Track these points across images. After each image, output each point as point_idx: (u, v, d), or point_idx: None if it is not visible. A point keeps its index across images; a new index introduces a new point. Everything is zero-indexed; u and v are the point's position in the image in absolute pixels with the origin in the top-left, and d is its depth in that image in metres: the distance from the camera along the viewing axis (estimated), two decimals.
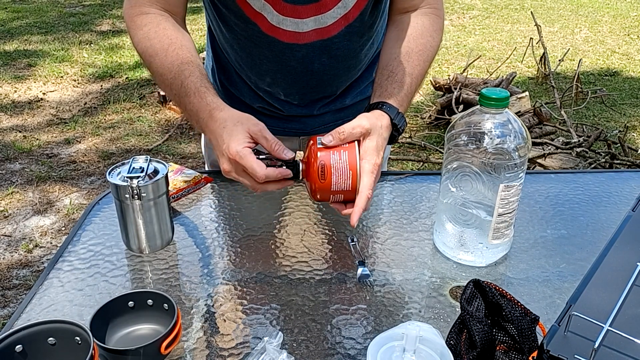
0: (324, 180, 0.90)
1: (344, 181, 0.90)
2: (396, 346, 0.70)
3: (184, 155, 3.44)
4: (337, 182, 0.90)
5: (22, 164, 3.33)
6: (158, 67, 1.02)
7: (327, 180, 0.90)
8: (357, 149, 0.91)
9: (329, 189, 0.91)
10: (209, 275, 0.99)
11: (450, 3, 7.02)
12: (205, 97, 0.97)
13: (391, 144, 1.06)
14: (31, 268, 2.49)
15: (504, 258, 1.03)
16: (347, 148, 0.91)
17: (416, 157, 3.36)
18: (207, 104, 0.96)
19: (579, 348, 0.67)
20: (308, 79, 1.18)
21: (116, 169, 1.00)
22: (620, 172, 1.42)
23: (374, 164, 0.92)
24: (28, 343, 0.75)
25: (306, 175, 0.93)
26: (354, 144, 0.92)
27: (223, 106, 0.97)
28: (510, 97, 0.93)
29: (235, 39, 1.15)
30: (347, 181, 0.90)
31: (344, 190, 0.91)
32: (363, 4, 1.08)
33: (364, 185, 0.91)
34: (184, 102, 1.00)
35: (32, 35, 5.49)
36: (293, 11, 1.06)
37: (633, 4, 7.14)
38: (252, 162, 0.89)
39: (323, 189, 0.91)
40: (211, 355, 0.82)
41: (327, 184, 0.90)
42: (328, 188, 0.91)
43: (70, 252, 1.04)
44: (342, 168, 0.90)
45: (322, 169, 0.90)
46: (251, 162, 0.89)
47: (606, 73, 4.88)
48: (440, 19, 1.15)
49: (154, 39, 1.03)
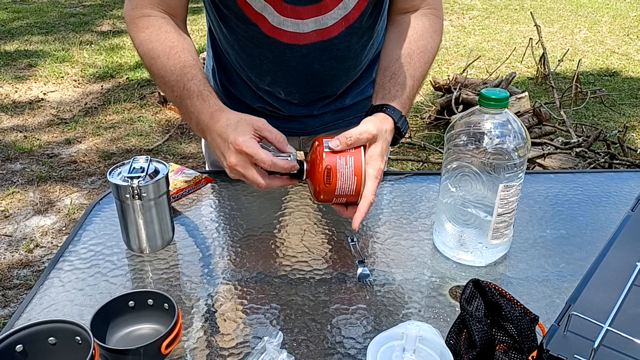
0: (329, 184, 0.91)
1: (348, 186, 0.91)
2: (396, 346, 0.71)
3: (184, 155, 3.44)
4: (342, 187, 0.91)
5: (22, 164, 3.33)
6: (160, 69, 1.03)
7: (332, 184, 0.91)
8: (363, 154, 0.92)
9: (332, 192, 0.92)
10: (209, 275, 0.99)
11: (450, 3, 7.02)
12: (207, 99, 0.98)
13: (392, 146, 1.06)
14: (32, 268, 2.49)
15: (504, 258, 1.03)
16: (354, 153, 0.92)
17: (416, 157, 3.36)
18: (210, 106, 0.97)
19: (579, 348, 0.67)
20: (308, 79, 1.18)
21: (117, 169, 1.00)
22: (620, 172, 1.42)
23: (379, 169, 0.93)
24: (28, 343, 0.75)
25: (310, 176, 0.93)
26: (360, 149, 0.92)
27: (225, 108, 0.98)
28: (509, 98, 0.93)
29: (235, 39, 1.15)
30: (352, 186, 0.91)
31: (347, 195, 0.92)
32: (363, 4, 1.09)
33: (368, 189, 0.92)
34: (185, 105, 1.00)
35: (32, 36, 5.49)
36: (294, 12, 1.06)
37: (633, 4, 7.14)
38: (259, 150, 0.89)
39: (327, 192, 0.92)
40: (211, 355, 0.83)
41: (332, 188, 0.91)
42: (332, 191, 0.92)
43: (70, 252, 1.04)
44: (348, 173, 0.91)
45: (327, 173, 0.90)
46: (257, 150, 0.89)
47: (605, 73, 4.88)
48: (439, 20, 1.15)
49: (155, 42, 1.04)
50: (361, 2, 1.08)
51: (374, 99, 1.06)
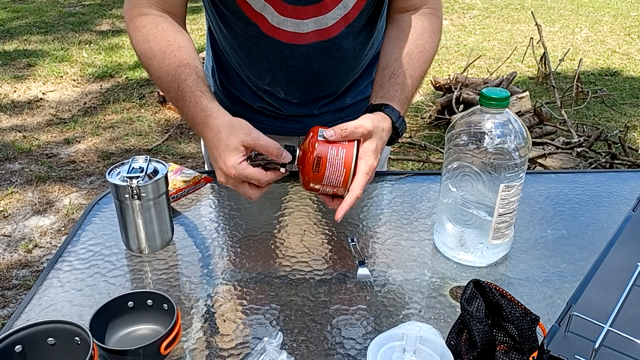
0: (317, 173, 0.92)
1: (336, 177, 0.92)
2: (396, 346, 0.70)
3: (183, 155, 3.44)
4: (330, 177, 0.92)
5: (21, 164, 3.33)
6: (156, 69, 1.02)
7: (320, 173, 0.92)
8: (356, 149, 0.93)
9: (320, 181, 0.93)
10: (208, 275, 0.98)
11: (450, 3, 7.02)
12: (200, 102, 0.97)
13: (390, 146, 1.06)
14: (31, 268, 2.49)
15: (504, 258, 1.02)
16: (346, 146, 0.93)
17: (416, 157, 3.36)
18: (202, 109, 0.96)
19: (580, 348, 0.66)
20: (308, 79, 1.18)
21: (116, 169, 1.00)
22: (621, 172, 1.42)
23: (371, 165, 0.93)
24: (28, 343, 0.74)
25: (301, 162, 0.94)
26: (353, 143, 0.93)
27: (217, 112, 0.95)
28: (510, 97, 0.93)
29: (235, 39, 1.15)
30: (340, 177, 0.92)
31: (334, 185, 0.93)
32: (362, 3, 1.08)
33: (357, 184, 0.92)
34: (180, 106, 1.00)
35: (31, 35, 5.49)
36: (293, 12, 1.05)
37: (633, 4, 7.14)
38: (252, 172, 0.90)
39: (315, 179, 0.93)
40: (211, 356, 0.82)
41: (320, 176, 0.92)
42: (319, 180, 0.93)
43: (69, 252, 1.04)
44: (337, 164, 0.92)
45: (317, 161, 0.92)
46: (251, 173, 0.90)
47: (606, 73, 4.88)
48: (439, 20, 1.15)
49: (152, 41, 1.03)
50: (360, 1, 1.08)
51: (372, 98, 1.06)
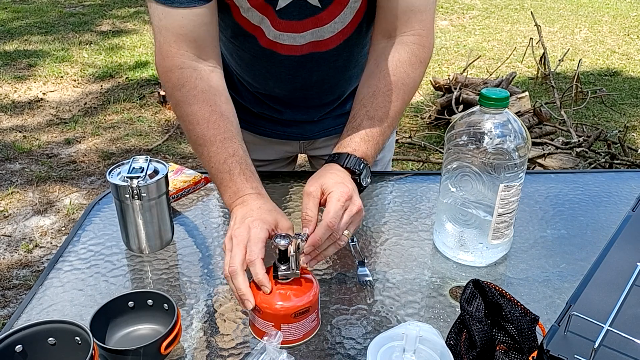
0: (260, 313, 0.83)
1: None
2: (396, 346, 0.71)
3: (184, 155, 3.44)
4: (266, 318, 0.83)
5: (22, 164, 3.33)
6: (199, 138, 0.99)
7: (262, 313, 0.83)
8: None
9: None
10: (209, 275, 0.99)
11: (450, 3, 7.02)
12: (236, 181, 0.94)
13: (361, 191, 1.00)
14: (31, 268, 2.49)
15: (504, 258, 1.03)
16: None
17: (416, 157, 3.36)
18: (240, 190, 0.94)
19: (579, 348, 0.67)
20: (308, 88, 1.18)
21: (116, 169, 1.00)
22: (620, 172, 1.42)
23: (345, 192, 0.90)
24: (28, 343, 0.75)
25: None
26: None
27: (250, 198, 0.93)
28: (510, 97, 0.93)
29: (234, 48, 1.15)
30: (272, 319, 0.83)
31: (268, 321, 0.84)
32: (359, 17, 1.08)
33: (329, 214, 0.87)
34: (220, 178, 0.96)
35: (32, 36, 5.49)
36: (290, 26, 1.05)
37: (633, 4, 7.14)
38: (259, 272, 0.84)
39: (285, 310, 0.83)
40: (211, 355, 0.82)
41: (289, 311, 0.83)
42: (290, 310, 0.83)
43: (70, 252, 1.04)
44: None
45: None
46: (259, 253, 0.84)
47: (606, 73, 4.88)
48: (424, 48, 1.07)
49: (193, 105, 0.99)
50: (357, 16, 1.07)
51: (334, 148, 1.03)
